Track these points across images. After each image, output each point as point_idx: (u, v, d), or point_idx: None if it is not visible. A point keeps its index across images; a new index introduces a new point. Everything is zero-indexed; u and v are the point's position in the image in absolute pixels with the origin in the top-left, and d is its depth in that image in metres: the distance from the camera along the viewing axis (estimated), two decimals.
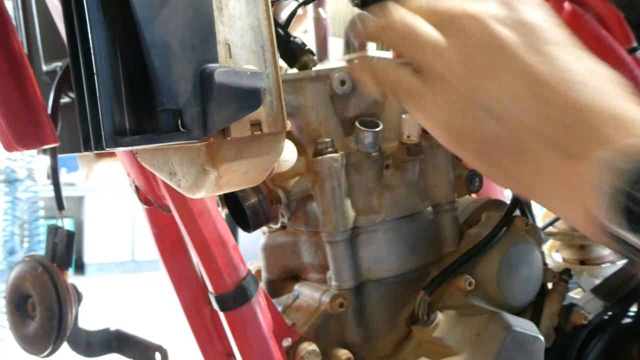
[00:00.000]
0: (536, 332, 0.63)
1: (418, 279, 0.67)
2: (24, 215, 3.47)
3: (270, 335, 0.62)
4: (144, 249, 6.12)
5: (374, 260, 0.65)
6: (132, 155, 0.64)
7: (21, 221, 3.49)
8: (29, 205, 3.46)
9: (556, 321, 0.72)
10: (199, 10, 0.39)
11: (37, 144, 0.70)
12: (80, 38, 0.41)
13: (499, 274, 0.67)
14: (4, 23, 0.67)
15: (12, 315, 0.73)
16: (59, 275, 0.71)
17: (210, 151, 0.42)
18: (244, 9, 0.42)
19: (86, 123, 0.42)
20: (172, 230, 0.71)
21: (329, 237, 0.64)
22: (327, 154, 0.64)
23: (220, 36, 0.40)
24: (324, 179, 0.64)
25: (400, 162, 0.67)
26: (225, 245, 0.61)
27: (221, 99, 0.39)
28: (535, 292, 0.71)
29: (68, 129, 0.75)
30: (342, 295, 0.64)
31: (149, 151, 0.46)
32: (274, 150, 0.46)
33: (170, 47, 0.38)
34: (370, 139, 0.63)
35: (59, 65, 0.75)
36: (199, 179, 0.43)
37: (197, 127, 0.38)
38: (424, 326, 0.64)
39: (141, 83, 0.40)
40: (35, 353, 0.72)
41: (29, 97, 0.68)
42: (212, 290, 0.62)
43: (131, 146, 0.41)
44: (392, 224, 0.66)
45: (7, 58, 0.67)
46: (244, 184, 0.47)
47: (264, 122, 0.43)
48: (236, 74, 0.40)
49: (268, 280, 0.73)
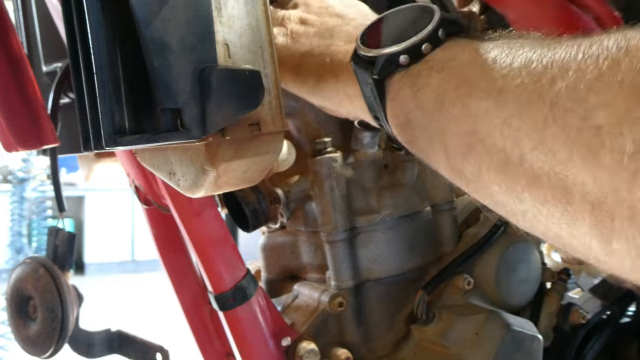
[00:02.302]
0: (535, 332, 0.63)
1: (417, 279, 0.67)
2: (31, 215, 3.47)
3: (270, 335, 0.62)
4: (144, 249, 6.12)
5: (373, 260, 0.66)
6: (131, 155, 0.64)
7: (28, 221, 3.49)
8: (37, 204, 3.46)
9: (555, 320, 0.72)
10: (198, 10, 0.39)
11: (37, 144, 0.70)
12: (80, 38, 0.41)
13: (497, 274, 0.67)
14: (4, 24, 0.67)
15: (14, 317, 0.73)
16: (60, 277, 0.71)
17: (209, 150, 0.42)
18: (243, 9, 0.42)
19: (86, 123, 0.42)
20: (171, 230, 0.71)
21: (328, 237, 0.64)
22: (326, 154, 0.64)
23: (219, 36, 0.41)
24: (323, 179, 0.64)
25: (399, 162, 0.68)
26: (224, 245, 0.62)
27: (220, 99, 0.39)
28: (533, 292, 0.71)
29: (68, 129, 0.76)
30: (341, 294, 0.64)
31: (149, 151, 0.46)
32: (272, 150, 0.46)
33: (169, 47, 0.39)
34: (369, 139, 0.64)
35: (59, 65, 0.75)
36: (198, 178, 0.43)
37: (196, 126, 0.38)
38: (423, 325, 0.64)
39: (140, 83, 0.40)
40: (37, 354, 0.72)
41: (29, 98, 0.68)
42: (212, 289, 0.62)
43: (130, 145, 0.41)
44: (391, 224, 0.66)
45: (7, 58, 0.67)
46: (242, 184, 0.47)
47: (262, 121, 0.43)
48: (235, 74, 0.40)
49: (267, 280, 0.73)
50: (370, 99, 0.46)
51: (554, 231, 0.35)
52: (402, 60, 0.43)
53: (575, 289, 0.82)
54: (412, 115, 0.42)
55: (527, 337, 0.62)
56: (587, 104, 0.30)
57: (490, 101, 0.36)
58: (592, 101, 0.30)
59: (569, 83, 0.31)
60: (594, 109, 0.30)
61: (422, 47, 0.42)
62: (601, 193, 0.30)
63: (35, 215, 3.48)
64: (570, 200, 0.32)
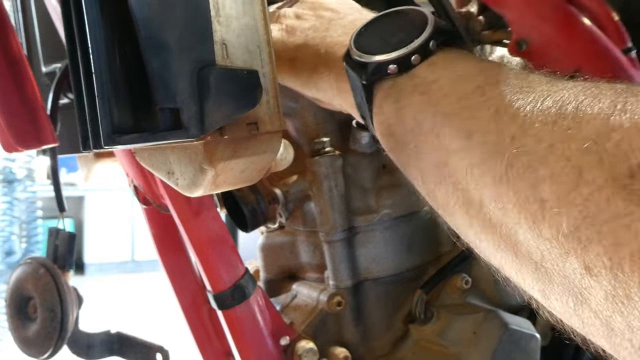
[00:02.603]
0: (533, 331, 0.63)
1: (415, 278, 0.68)
2: (22, 216, 3.46)
3: (268, 334, 0.63)
4: (144, 249, 6.12)
5: (371, 260, 0.66)
6: (130, 155, 0.64)
7: (19, 221, 3.48)
8: (27, 205, 3.46)
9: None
10: (195, 10, 0.40)
11: (36, 145, 0.70)
12: (79, 39, 0.41)
13: (495, 273, 0.67)
14: (4, 24, 0.67)
15: (13, 317, 0.74)
16: (60, 277, 0.71)
17: (207, 149, 0.42)
18: (241, 9, 0.43)
19: (85, 123, 0.42)
20: (170, 230, 0.72)
21: (327, 237, 0.65)
22: (325, 154, 0.64)
23: (217, 36, 0.41)
24: (321, 179, 0.64)
25: None
26: (223, 244, 0.62)
27: (218, 98, 0.39)
28: None
29: (67, 130, 0.76)
30: (340, 294, 0.64)
31: (147, 150, 0.47)
32: (270, 149, 0.46)
33: (167, 47, 0.39)
34: (367, 139, 0.64)
35: (58, 66, 0.76)
36: (196, 177, 0.44)
37: (195, 125, 0.38)
38: (422, 325, 0.65)
39: (139, 82, 0.40)
40: (36, 355, 0.72)
41: (28, 98, 0.68)
42: (210, 288, 0.63)
43: (129, 144, 0.41)
44: (390, 224, 0.66)
45: (7, 59, 0.67)
46: (241, 183, 0.47)
47: (260, 121, 0.44)
48: (233, 73, 0.40)
49: (266, 279, 0.73)
50: (359, 100, 0.47)
51: (507, 272, 0.37)
52: (391, 69, 0.43)
53: None
54: (394, 129, 0.43)
55: (525, 336, 0.62)
56: (536, 173, 0.32)
57: (460, 142, 0.37)
58: (541, 172, 0.31)
59: (526, 148, 0.33)
60: (542, 180, 0.31)
61: (411, 59, 0.43)
62: (541, 258, 0.32)
63: (25, 216, 3.47)
64: (518, 255, 0.34)
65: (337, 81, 0.49)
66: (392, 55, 0.43)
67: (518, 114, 0.34)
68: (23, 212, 3.46)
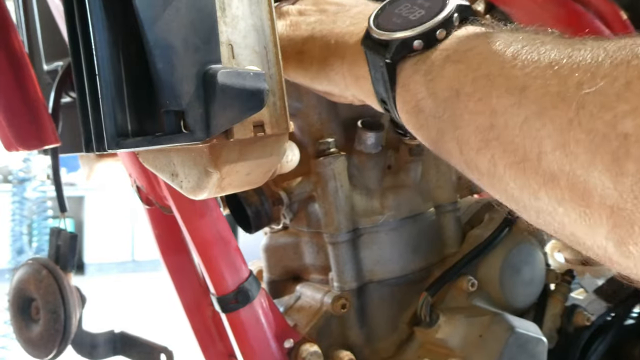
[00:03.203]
0: (539, 334, 0.63)
1: (420, 280, 0.67)
2: (32, 215, 3.47)
3: (272, 337, 0.62)
4: (144, 249, 6.11)
5: (376, 262, 0.65)
6: (133, 156, 0.64)
7: (29, 221, 3.49)
8: (37, 205, 3.46)
9: (559, 322, 0.72)
10: (201, 10, 0.39)
11: (38, 144, 0.69)
12: (82, 38, 0.40)
13: (501, 275, 0.67)
14: (5, 22, 0.67)
15: (16, 318, 0.73)
16: (63, 278, 0.71)
17: (212, 152, 0.41)
18: (247, 10, 0.42)
19: (88, 124, 0.41)
20: (173, 231, 0.71)
21: (331, 238, 0.64)
22: (330, 154, 0.63)
23: (223, 37, 0.40)
24: (326, 180, 0.63)
25: (402, 162, 0.67)
26: (226, 246, 0.61)
27: (224, 100, 0.38)
28: (537, 293, 0.71)
29: (69, 129, 0.75)
30: (344, 296, 0.64)
31: (151, 152, 0.46)
32: (276, 152, 0.46)
33: (173, 48, 0.38)
34: (372, 139, 0.63)
35: (60, 64, 0.75)
36: (201, 180, 0.43)
37: (200, 128, 0.38)
38: (427, 327, 0.64)
39: (143, 84, 0.40)
40: (40, 356, 0.71)
41: (30, 97, 0.68)
42: (214, 291, 0.62)
43: (133, 148, 0.40)
44: (395, 225, 0.66)
45: (8, 57, 0.66)
46: (246, 186, 0.47)
47: (267, 123, 0.43)
48: (239, 75, 0.40)
49: (270, 281, 0.73)
50: (379, 83, 0.46)
51: (569, 230, 0.35)
52: (416, 45, 0.42)
53: (579, 290, 0.82)
54: (424, 104, 0.42)
55: (531, 339, 0.62)
56: (615, 110, 0.30)
57: (511, 99, 0.36)
58: (621, 109, 0.30)
59: (598, 89, 0.31)
60: (623, 116, 0.30)
61: (436, 33, 0.42)
62: (622, 199, 0.30)
63: (36, 215, 3.47)
64: (589, 203, 0.32)
65: (350, 69, 0.48)
66: (417, 30, 0.43)
67: (579, 62, 0.33)
68: (33, 212, 3.47)
